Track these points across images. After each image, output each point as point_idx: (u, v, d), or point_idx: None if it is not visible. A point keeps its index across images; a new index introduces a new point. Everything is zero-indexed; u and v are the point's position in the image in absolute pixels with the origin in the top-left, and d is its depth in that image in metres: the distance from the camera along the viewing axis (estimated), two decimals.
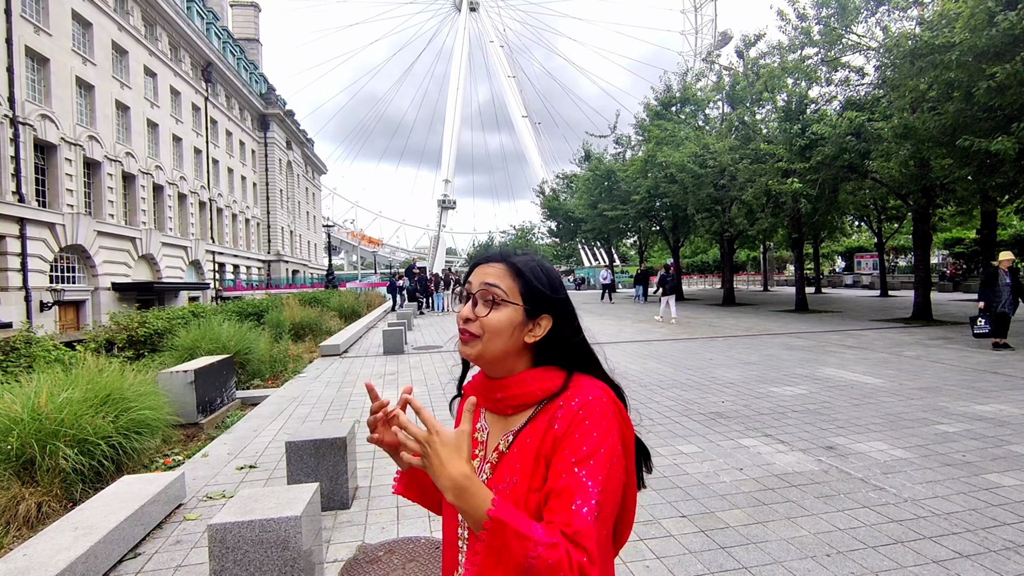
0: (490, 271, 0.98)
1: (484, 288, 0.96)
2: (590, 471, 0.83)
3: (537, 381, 0.96)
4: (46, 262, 21.97)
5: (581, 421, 0.87)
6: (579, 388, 0.93)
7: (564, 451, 0.86)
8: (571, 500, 0.81)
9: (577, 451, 0.85)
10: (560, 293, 0.99)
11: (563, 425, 0.88)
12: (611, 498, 0.85)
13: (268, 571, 2.36)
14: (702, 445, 4.62)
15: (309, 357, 10.38)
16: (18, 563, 2.50)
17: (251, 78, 48.82)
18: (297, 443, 3.61)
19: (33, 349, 6.56)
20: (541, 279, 0.98)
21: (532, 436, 0.92)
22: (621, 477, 0.88)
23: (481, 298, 0.96)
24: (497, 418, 1.00)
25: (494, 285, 0.95)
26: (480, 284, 0.97)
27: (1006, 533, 2.99)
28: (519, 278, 0.96)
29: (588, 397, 0.90)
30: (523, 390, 0.95)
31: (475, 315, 0.95)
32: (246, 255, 44.75)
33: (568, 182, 35.90)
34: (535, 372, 0.97)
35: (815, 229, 23.91)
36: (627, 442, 0.94)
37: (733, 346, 10.36)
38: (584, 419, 0.88)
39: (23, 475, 3.64)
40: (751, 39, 18.28)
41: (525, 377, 0.96)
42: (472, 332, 0.95)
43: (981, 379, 6.94)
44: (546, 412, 0.92)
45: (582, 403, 0.89)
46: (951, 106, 10.45)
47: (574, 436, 0.86)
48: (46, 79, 22.63)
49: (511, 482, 0.90)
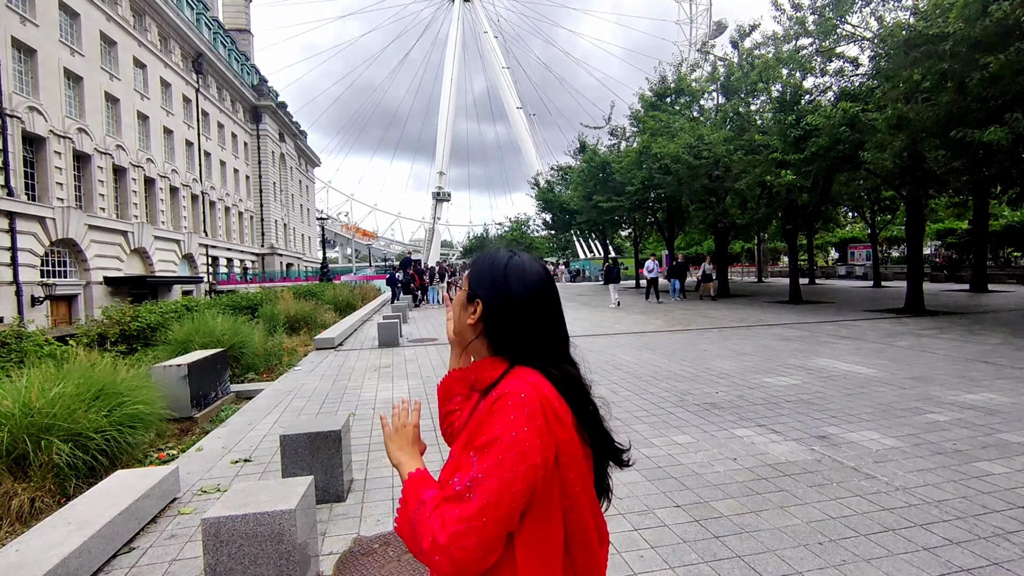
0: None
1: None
2: (481, 457, 0.89)
3: (485, 369, 1.04)
4: (37, 256, 21.75)
5: (492, 413, 0.92)
6: (509, 382, 0.96)
7: (471, 437, 0.93)
8: (459, 477, 0.89)
9: (478, 439, 0.91)
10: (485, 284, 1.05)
11: (481, 415, 0.94)
12: (496, 487, 0.86)
13: (263, 564, 2.36)
14: (696, 435, 4.64)
15: (304, 350, 10.36)
16: (11, 559, 2.49)
17: (242, 69, 48.27)
18: (292, 436, 3.61)
19: (24, 344, 6.51)
20: (483, 270, 1.08)
21: (472, 420, 0.98)
22: (523, 475, 0.87)
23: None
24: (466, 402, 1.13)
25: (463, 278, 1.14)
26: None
27: (995, 520, 3.03)
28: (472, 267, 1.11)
29: (509, 392, 0.93)
30: (479, 375, 1.06)
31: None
32: (240, 248, 44.46)
33: (563, 174, 35.79)
34: (486, 361, 1.06)
35: (809, 220, 23.95)
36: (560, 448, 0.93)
37: (728, 337, 10.40)
38: (495, 411, 0.92)
39: (15, 470, 3.62)
40: (746, 29, 18.20)
41: (481, 364, 1.07)
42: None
43: (972, 368, 7.01)
44: (487, 400, 0.97)
45: (501, 397, 0.93)
46: (945, 97, 10.46)
47: (483, 426, 0.92)
48: (33, 70, 22.28)
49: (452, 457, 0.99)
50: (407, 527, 0.93)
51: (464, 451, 0.93)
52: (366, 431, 5.15)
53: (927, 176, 13.45)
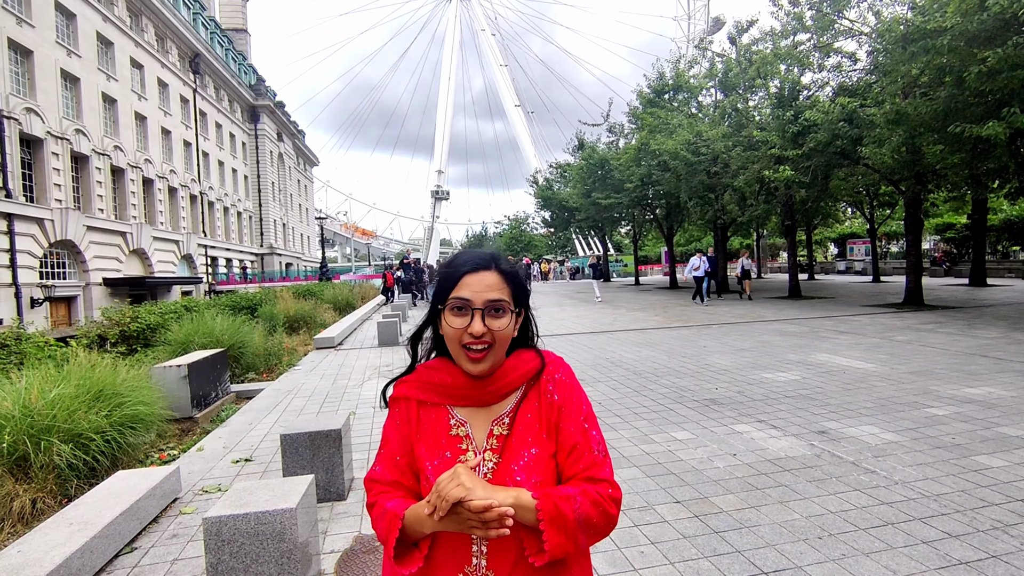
0: (488, 281, 1.01)
1: (491, 303, 1.00)
2: (591, 423, 1.06)
3: (522, 365, 1.07)
4: (36, 258, 21.73)
5: (571, 389, 1.07)
6: (553, 362, 1.10)
7: (570, 415, 1.04)
8: (588, 449, 1.02)
9: (578, 412, 1.05)
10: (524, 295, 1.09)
11: (561, 395, 1.06)
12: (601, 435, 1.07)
13: (264, 563, 2.36)
14: (696, 431, 4.65)
15: (304, 350, 10.36)
16: (13, 560, 2.49)
17: (240, 69, 48.17)
18: (292, 436, 3.61)
19: (24, 345, 6.51)
20: (521, 279, 1.08)
21: (530, 412, 1.05)
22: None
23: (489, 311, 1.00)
24: (476, 410, 1.06)
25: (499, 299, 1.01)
26: (485, 301, 1.00)
27: (994, 513, 3.04)
28: (511, 282, 1.04)
29: (562, 367, 1.10)
30: (514, 375, 1.06)
31: (487, 328, 0.99)
32: (239, 248, 44.44)
33: (562, 171, 35.76)
34: (514, 359, 1.08)
35: (808, 216, 23.98)
36: None
37: (727, 333, 10.41)
38: (571, 386, 1.08)
39: (16, 472, 3.62)
40: (744, 25, 18.18)
41: (512, 364, 1.07)
42: (487, 343, 0.99)
43: (971, 363, 7.02)
44: (536, 388, 1.07)
45: (564, 374, 1.09)
46: (942, 91, 10.46)
47: (571, 401, 1.05)
48: (30, 72, 22.24)
49: (531, 455, 1.01)
50: (597, 515, 0.95)
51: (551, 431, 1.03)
52: (366, 430, 5.16)
53: (925, 171, 13.45)
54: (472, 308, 0.99)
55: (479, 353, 0.99)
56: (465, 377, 1.04)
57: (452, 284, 1.02)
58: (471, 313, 0.99)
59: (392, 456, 1.07)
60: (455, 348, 1.02)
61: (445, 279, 1.04)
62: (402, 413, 1.09)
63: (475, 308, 0.99)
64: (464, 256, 1.06)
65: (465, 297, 1.00)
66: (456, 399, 1.06)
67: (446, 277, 1.04)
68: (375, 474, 1.08)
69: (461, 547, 0.99)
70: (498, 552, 0.98)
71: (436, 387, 1.07)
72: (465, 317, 0.99)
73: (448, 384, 1.06)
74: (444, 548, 1.00)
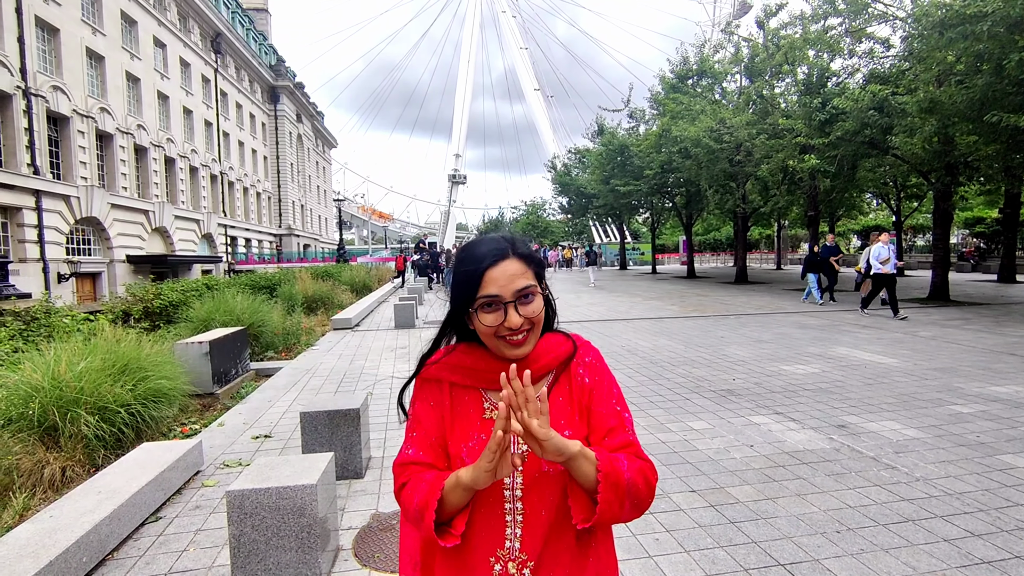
0: (511, 271, 1.00)
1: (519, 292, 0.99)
2: (622, 405, 1.08)
3: (553, 349, 1.08)
4: (62, 234, 22.23)
5: (601, 372, 1.10)
6: (583, 346, 1.12)
7: (601, 398, 1.07)
8: (623, 431, 1.05)
9: (609, 395, 1.08)
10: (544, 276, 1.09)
11: (592, 378, 1.08)
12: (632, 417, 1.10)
13: (285, 536, 2.41)
14: (712, 422, 4.62)
15: (321, 330, 10.49)
16: (45, 524, 2.58)
17: (260, 49, 48.26)
18: (311, 413, 3.66)
19: (53, 319, 6.68)
20: (539, 257, 1.08)
21: (562, 395, 1.06)
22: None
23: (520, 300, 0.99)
24: None
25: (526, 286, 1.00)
26: (514, 293, 0.99)
27: (1019, 513, 2.98)
28: (533, 265, 1.04)
29: (591, 351, 1.12)
30: (547, 359, 1.06)
31: (523, 316, 0.99)
32: (258, 229, 44.94)
33: (580, 157, 35.40)
34: (544, 342, 1.07)
35: (832, 207, 23.43)
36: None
37: (745, 324, 10.29)
38: (602, 369, 1.10)
39: (47, 440, 3.74)
40: (772, 8, 17.66)
41: (544, 348, 1.07)
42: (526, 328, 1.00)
43: (998, 360, 6.85)
44: (566, 372, 1.08)
45: (594, 357, 1.11)
46: (980, 79, 10.08)
47: (603, 385, 1.08)
48: (56, 50, 22.52)
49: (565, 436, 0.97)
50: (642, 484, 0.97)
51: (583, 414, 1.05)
52: (383, 410, 5.22)
53: (957, 162, 13.04)
54: (503, 303, 0.98)
55: (520, 339, 1.00)
56: (498, 361, 1.03)
57: (476, 283, 0.99)
58: (503, 308, 0.98)
59: (428, 437, 1.05)
60: (492, 341, 1.01)
61: (467, 279, 1.00)
62: (435, 395, 1.07)
63: (506, 302, 0.98)
64: (480, 248, 1.03)
65: (493, 294, 0.98)
66: (490, 383, 1.04)
67: (467, 277, 1.01)
68: (407, 457, 1.05)
69: (495, 529, 1.00)
70: (532, 535, 0.99)
71: (470, 370, 1.06)
72: (498, 312, 0.98)
73: (482, 368, 1.05)
74: (479, 530, 1.00)
